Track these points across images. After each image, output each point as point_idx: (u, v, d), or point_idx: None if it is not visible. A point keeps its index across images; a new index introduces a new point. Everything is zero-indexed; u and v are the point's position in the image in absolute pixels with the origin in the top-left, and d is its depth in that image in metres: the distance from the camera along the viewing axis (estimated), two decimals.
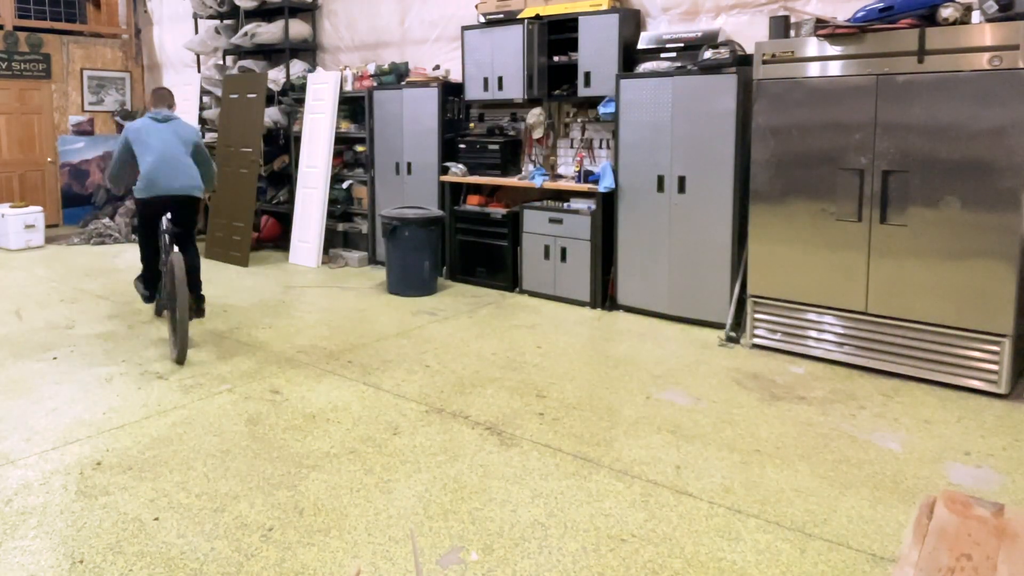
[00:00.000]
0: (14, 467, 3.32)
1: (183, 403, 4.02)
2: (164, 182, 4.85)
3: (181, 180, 4.91)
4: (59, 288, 6.63)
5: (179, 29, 9.83)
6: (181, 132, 5.05)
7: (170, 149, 4.92)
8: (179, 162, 4.93)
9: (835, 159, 4.42)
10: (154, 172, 4.84)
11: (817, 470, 3.26)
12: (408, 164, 7.08)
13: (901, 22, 4.13)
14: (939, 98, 4.05)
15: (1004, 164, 3.90)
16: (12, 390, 4.23)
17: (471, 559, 2.63)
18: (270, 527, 2.83)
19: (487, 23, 6.43)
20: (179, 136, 5.01)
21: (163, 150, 4.88)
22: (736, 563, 2.60)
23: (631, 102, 5.48)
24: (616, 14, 5.71)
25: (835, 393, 4.12)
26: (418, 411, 3.91)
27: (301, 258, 7.65)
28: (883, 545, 2.70)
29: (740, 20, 5.52)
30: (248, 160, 7.73)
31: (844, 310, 4.47)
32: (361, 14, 7.91)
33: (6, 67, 9.55)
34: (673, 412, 3.88)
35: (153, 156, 4.86)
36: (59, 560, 2.64)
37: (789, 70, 4.53)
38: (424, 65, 7.29)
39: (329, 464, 3.33)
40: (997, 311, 3.99)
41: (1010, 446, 3.48)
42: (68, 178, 9.94)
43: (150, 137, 4.92)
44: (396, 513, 2.92)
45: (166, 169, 4.86)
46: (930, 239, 4.15)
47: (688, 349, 4.88)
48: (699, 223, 5.26)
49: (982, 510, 1.95)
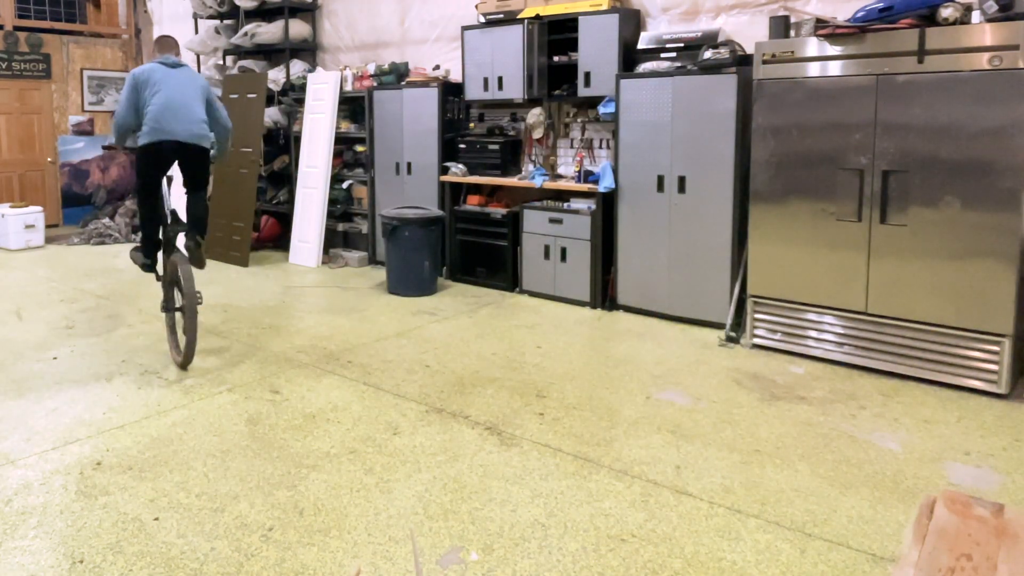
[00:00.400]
0: (14, 467, 3.32)
1: (183, 403, 4.02)
2: (172, 125, 4.40)
3: (192, 127, 4.46)
4: (59, 288, 6.63)
5: (179, 29, 9.82)
6: (195, 79, 4.64)
7: (181, 93, 4.48)
8: (191, 109, 4.49)
9: (835, 159, 4.42)
10: (162, 114, 4.39)
11: (817, 470, 3.26)
12: (408, 164, 7.08)
13: (901, 22, 4.13)
14: (939, 98, 4.05)
15: (1004, 164, 3.90)
16: (12, 390, 4.23)
17: (471, 559, 2.63)
18: (270, 527, 2.83)
19: (487, 23, 6.43)
20: (193, 82, 4.59)
21: (173, 93, 4.44)
22: (736, 563, 2.60)
23: (631, 102, 5.48)
24: (616, 14, 5.71)
25: (835, 393, 4.12)
26: (418, 411, 3.91)
27: (301, 258, 7.65)
28: (883, 545, 2.70)
29: (740, 20, 5.52)
30: (248, 160, 7.73)
31: (844, 310, 4.47)
32: (361, 14, 7.91)
33: (6, 67, 9.55)
34: (673, 412, 3.88)
35: (162, 98, 4.41)
36: (59, 560, 2.64)
37: (789, 70, 4.53)
38: (424, 65, 7.29)
39: (329, 464, 3.33)
40: (997, 311, 3.99)
41: (1010, 446, 3.48)
42: (68, 178, 9.94)
43: (160, 80, 4.46)
44: (396, 513, 2.92)
45: (176, 113, 4.42)
46: (930, 239, 4.15)
47: (688, 349, 4.88)
48: (699, 223, 5.26)
49: (982, 510, 1.95)
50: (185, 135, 4.45)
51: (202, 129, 4.53)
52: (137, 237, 8.95)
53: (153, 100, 4.42)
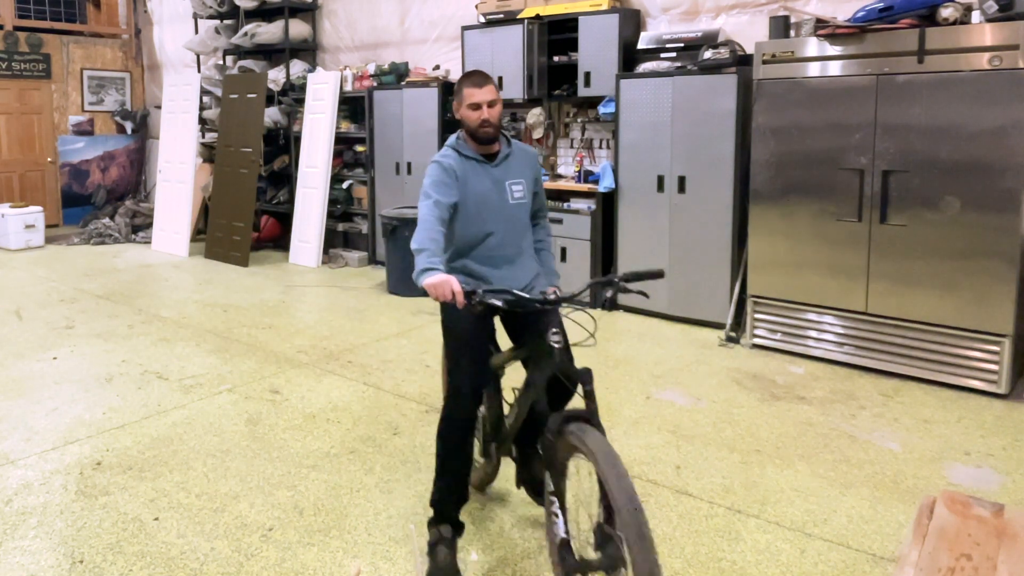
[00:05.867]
0: (14, 467, 3.32)
1: (183, 403, 4.02)
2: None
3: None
4: (59, 288, 6.62)
5: (179, 29, 9.83)
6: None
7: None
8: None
9: (835, 159, 4.42)
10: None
11: (817, 470, 3.26)
12: (408, 164, 7.08)
13: (901, 22, 4.13)
14: (939, 98, 4.05)
15: (1004, 164, 3.90)
16: (12, 390, 4.23)
17: (471, 559, 2.63)
18: (270, 527, 2.83)
19: (487, 23, 6.43)
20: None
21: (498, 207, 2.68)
22: (736, 563, 2.60)
23: (631, 102, 5.48)
24: (616, 14, 5.71)
25: (835, 393, 4.12)
26: (418, 411, 3.91)
27: (301, 258, 7.65)
28: (883, 545, 2.70)
29: (740, 20, 5.52)
30: (248, 160, 7.73)
31: (844, 310, 4.47)
32: (361, 14, 7.91)
33: (6, 67, 9.55)
34: (673, 412, 3.88)
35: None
36: (59, 560, 2.64)
37: (789, 70, 4.52)
38: (424, 65, 7.29)
39: (329, 464, 3.33)
40: (997, 311, 3.98)
41: (1010, 446, 3.47)
42: (68, 178, 9.95)
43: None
44: (396, 513, 2.92)
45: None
46: (930, 239, 4.15)
47: (688, 349, 4.88)
48: (699, 223, 5.26)
49: (982, 510, 1.95)
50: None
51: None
52: (138, 237, 8.93)
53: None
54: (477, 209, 2.60)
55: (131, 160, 10.45)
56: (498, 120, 2.59)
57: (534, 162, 2.78)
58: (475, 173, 2.61)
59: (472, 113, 2.57)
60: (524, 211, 2.72)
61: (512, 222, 2.67)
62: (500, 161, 2.66)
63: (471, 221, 2.61)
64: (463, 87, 2.61)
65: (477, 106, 2.57)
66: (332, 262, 7.58)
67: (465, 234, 2.63)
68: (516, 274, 2.70)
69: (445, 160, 2.61)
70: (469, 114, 2.58)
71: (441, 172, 2.57)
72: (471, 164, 2.62)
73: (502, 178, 2.65)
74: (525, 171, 2.72)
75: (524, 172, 2.72)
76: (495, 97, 2.58)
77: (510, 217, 2.66)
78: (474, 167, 2.62)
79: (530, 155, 2.77)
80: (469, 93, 2.58)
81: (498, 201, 2.63)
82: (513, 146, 2.72)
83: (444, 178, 2.56)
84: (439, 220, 2.47)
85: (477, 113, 2.56)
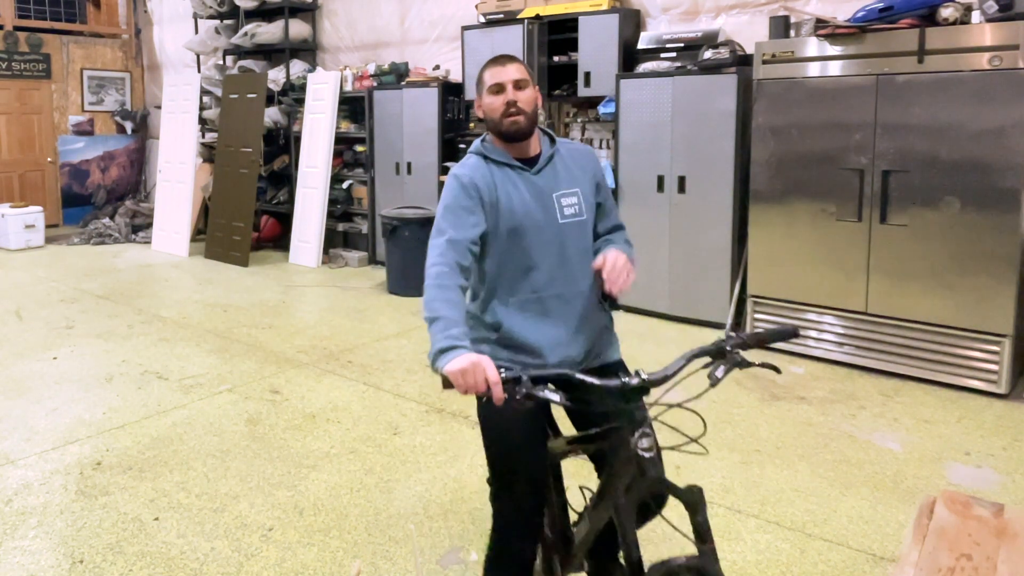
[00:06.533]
0: (14, 467, 3.32)
1: (183, 403, 4.02)
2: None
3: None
4: (59, 288, 6.62)
5: (179, 29, 9.83)
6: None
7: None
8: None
9: (835, 159, 4.41)
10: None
11: (817, 470, 3.26)
12: (408, 164, 7.07)
13: (901, 22, 4.13)
14: (939, 98, 4.05)
15: (1004, 164, 3.90)
16: (12, 390, 4.23)
17: (471, 559, 2.63)
18: (270, 527, 2.83)
19: (487, 23, 6.42)
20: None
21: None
22: (736, 563, 2.60)
23: (631, 102, 5.48)
24: (616, 14, 5.70)
25: (835, 393, 4.12)
26: (418, 411, 3.91)
27: (301, 258, 7.65)
28: (883, 545, 2.70)
29: (740, 20, 5.52)
30: (248, 160, 7.73)
31: (844, 310, 4.47)
32: (361, 14, 7.91)
33: (6, 67, 9.55)
34: (673, 412, 3.87)
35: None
36: (59, 560, 2.64)
37: (789, 70, 4.52)
38: (424, 65, 7.29)
39: (329, 464, 3.32)
40: (997, 311, 3.98)
41: (1010, 446, 3.47)
42: (68, 178, 9.94)
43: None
44: (396, 513, 2.92)
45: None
46: (930, 239, 4.15)
47: (688, 349, 4.87)
48: (699, 223, 5.26)
49: (982, 510, 1.95)
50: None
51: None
52: (138, 237, 8.93)
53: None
54: (514, 234, 1.88)
55: (131, 160, 10.45)
56: (532, 109, 1.88)
57: (591, 162, 2.02)
58: (509, 184, 1.89)
59: (495, 99, 1.87)
60: (582, 231, 1.95)
61: (565, 249, 1.92)
62: (543, 165, 1.93)
63: (506, 252, 1.89)
64: (483, 72, 1.93)
65: (500, 87, 1.87)
66: (332, 262, 7.58)
67: (499, 271, 1.91)
68: (574, 329, 1.98)
69: (465, 173, 1.89)
70: (492, 101, 1.88)
71: (459, 193, 1.86)
72: (503, 172, 1.90)
73: (548, 188, 1.92)
74: (580, 176, 1.97)
75: (578, 178, 1.96)
76: (524, 76, 1.89)
77: (562, 242, 1.91)
78: (507, 176, 1.90)
79: (584, 154, 2.03)
80: (490, 74, 1.90)
81: (543, 220, 1.89)
82: (559, 145, 1.99)
83: (463, 201, 1.84)
84: (456, 270, 1.76)
85: (501, 97, 1.86)
